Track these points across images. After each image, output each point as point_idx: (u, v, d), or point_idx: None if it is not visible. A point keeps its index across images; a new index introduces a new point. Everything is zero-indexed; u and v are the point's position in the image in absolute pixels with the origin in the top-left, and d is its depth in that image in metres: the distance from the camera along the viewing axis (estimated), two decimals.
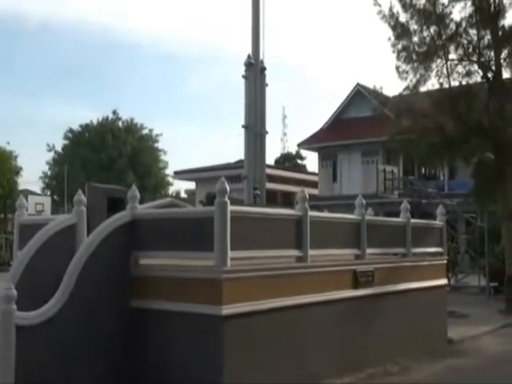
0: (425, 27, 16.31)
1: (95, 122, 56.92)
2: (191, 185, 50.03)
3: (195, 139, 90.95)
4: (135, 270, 7.24)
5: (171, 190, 60.52)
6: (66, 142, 56.84)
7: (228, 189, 6.67)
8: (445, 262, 12.19)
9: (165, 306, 6.86)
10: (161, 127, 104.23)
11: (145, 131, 58.42)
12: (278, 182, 39.93)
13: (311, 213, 7.99)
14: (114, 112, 57.66)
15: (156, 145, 58.77)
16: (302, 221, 7.75)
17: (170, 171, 57.39)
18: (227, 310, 6.48)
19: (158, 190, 56.52)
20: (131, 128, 57.53)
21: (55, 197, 53.23)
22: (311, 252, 7.83)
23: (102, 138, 54.43)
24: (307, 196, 7.94)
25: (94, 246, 6.83)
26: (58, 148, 57.22)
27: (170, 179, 58.34)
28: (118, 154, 54.20)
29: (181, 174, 49.05)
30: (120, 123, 57.75)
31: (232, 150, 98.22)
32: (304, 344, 7.70)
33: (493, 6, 15.75)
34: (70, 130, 56.69)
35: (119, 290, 7.05)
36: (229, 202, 6.59)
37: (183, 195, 58.39)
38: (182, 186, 61.02)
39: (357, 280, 8.83)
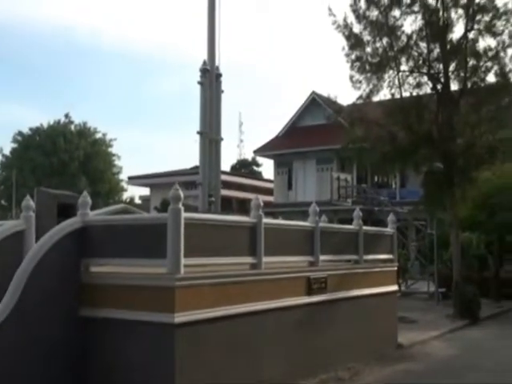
0: (377, 38, 16.67)
1: (46, 125, 55.50)
2: (146, 191, 49.42)
3: (151, 144, 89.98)
4: (86, 278, 7.09)
5: (125, 195, 59.63)
6: (15, 145, 55.15)
7: (182, 195, 6.61)
8: (395, 268, 12.46)
9: (116, 315, 6.74)
10: (116, 131, 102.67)
11: (98, 135, 57.39)
12: (233, 189, 39.97)
13: (265, 220, 8.02)
14: (67, 115, 56.45)
15: (110, 149, 57.80)
16: (257, 228, 7.77)
17: (124, 176, 56.60)
18: (180, 317, 6.41)
19: (111, 196, 55.56)
20: (84, 132, 56.39)
21: (3, 202, 51.53)
22: (265, 259, 7.86)
23: (54, 141, 53.09)
24: (261, 203, 7.97)
25: (43, 252, 6.64)
26: (7, 151, 55.54)
27: (124, 185, 57.49)
28: (70, 158, 53.00)
29: (135, 180, 48.40)
30: (72, 127, 56.51)
31: (189, 155, 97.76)
32: (258, 351, 7.70)
33: (441, 20, 16.24)
34: (20, 133, 55.08)
35: (69, 298, 6.88)
36: (183, 208, 6.54)
37: (138, 201, 57.57)
38: (136, 192, 60.11)
39: (310, 287, 8.92)
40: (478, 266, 21.78)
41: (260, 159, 56.98)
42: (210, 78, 10.26)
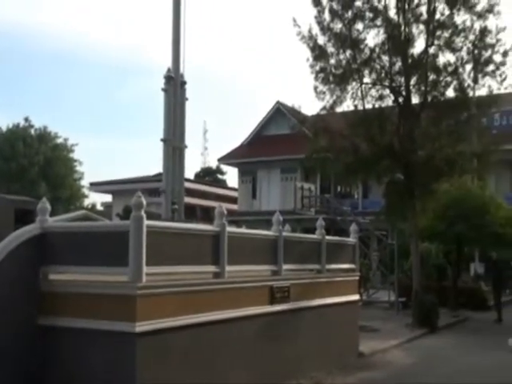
0: (341, 50, 16.89)
1: (5, 128, 54.06)
2: (108, 197, 48.67)
3: (115, 150, 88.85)
4: (45, 286, 6.92)
5: (86, 202, 58.51)
6: None
7: (144, 203, 6.54)
8: (357, 278, 12.60)
9: (76, 323, 6.60)
10: (78, 137, 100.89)
11: (59, 140, 56.21)
12: (197, 197, 39.80)
13: (229, 229, 8.00)
14: (26, 119, 55.10)
15: (71, 155, 56.69)
16: (220, 237, 7.75)
17: (85, 182, 55.59)
18: (141, 326, 6.32)
19: (72, 202, 54.41)
20: (44, 136, 55.07)
21: None
22: (228, 268, 7.83)
23: (12, 145, 51.69)
24: (225, 212, 7.95)
25: None
26: None
27: (86, 191, 56.45)
28: (30, 163, 51.69)
29: (97, 186, 47.65)
30: (32, 131, 55.20)
31: (152, 162, 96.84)
32: (220, 360, 7.65)
33: (403, 35, 16.58)
34: None
35: (27, 307, 6.71)
36: (145, 216, 6.46)
37: (100, 208, 56.61)
38: (98, 199, 59.12)
39: (273, 296, 8.93)
40: (437, 275, 22.27)
41: (224, 167, 56.97)
42: (175, 86, 10.20)
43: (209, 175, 61.48)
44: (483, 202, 19.76)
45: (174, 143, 10.18)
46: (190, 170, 65.61)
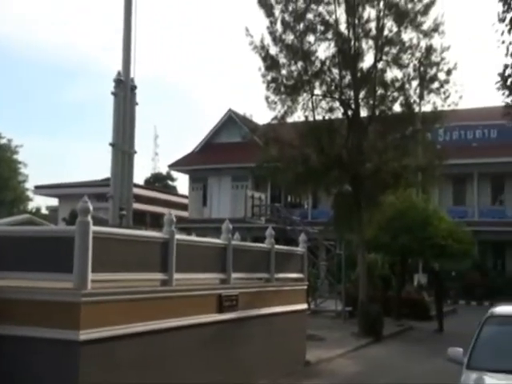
0: (293, 62, 17.11)
1: None
2: (54, 201, 47.27)
3: (62, 154, 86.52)
4: None
5: (31, 205, 56.67)
6: None
7: (91, 208, 6.40)
8: (305, 287, 12.73)
9: (18, 331, 6.35)
10: (24, 139, 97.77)
11: (3, 141, 54.27)
12: (147, 203, 39.21)
13: (178, 236, 7.95)
14: None
15: (15, 156, 54.82)
16: (169, 244, 7.67)
17: (30, 185, 53.83)
18: (85, 335, 6.17)
19: (16, 205, 52.58)
20: None
21: None
22: (177, 276, 7.76)
23: None
24: (174, 219, 7.89)
25: None
26: None
27: (31, 194, 54.65)
28: None
29: (42, 189, 46.16)
30: None
31: (101, 167, 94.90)
32: (167, 369, 7.55)
33: (353, 49, 16.98)
34: None
35: None
36: (91, 221, 6.33)
37: (45, 212, 54.91)
38: (43, 202, 57.30)
39: (221, 304, 8.90)
40: (382, 285, 22.77)
41: (175, 174, 56.54)
42: (125, 90, 10.05)
43: (159, 181, 60.79)
44: (426, 215, 20.41)
45: (122, 148, 10.01)
46: (140, 175, 64.76)
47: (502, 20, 7.89)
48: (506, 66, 7.78)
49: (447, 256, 20.79)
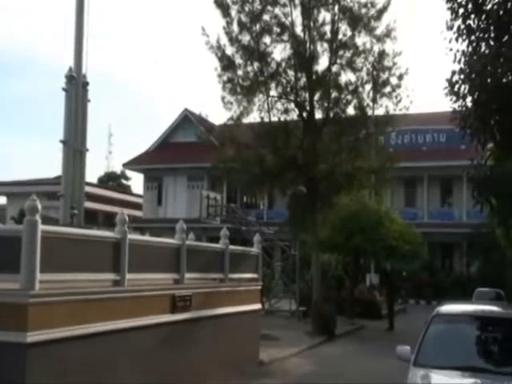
0: (249, 62, 17.19)
1: None
2: (2, 199, 45.73)
3: (11, 150, 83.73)
4: None
5: None
6: None
7: (40, 206, 6.24)
8: (259, 287, 12.79)
9: None
10: None
11: None
12: (100, 202, 38.51)
13: (130, 236, 7.84)
14: None
15: None
16: (121, 244, 7.56)
17: None
18: (33, 337, 6.00)
19: None
20: None
21: None
22: (129, 276, 7.65)
23: None
24: (127, 218, 7.78)
25: None
26: None
27: None
28: None
29: None
30: None
31: (53, 164, 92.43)
32: (118, 370, 7.43)
33: (308, 51, 17.19)
34: None
35: None
36: (40, 220, 6.17)
37: None
38: None
39: (175, 304, 8.84)
40: (336, 285, 23.12)
41: (129, 173, 55.69)
42: (76, 86, 9.83)
43: (113, 180, 59.78)
44: (379, 217, 20.85)
45: (74, 145, 9.79)
46: (93, 174, 63.48)
47: (450, 28, 8.16)
48: (453, 73, 8.03)
49: (398, 256, 21.28)
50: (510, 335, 6.34)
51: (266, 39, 17.20)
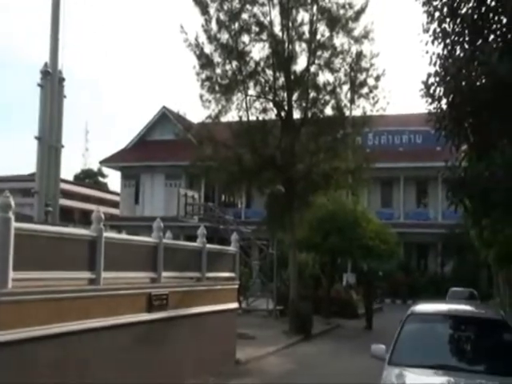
0: (227, 61, 17.10)
1: None
2: None
3: None
4: None
5: None
6: None
7: (13, 203, 6.14)
8: (237, 286, 12.77)
9: None
10: None
11: None
12: (76, 199, 38.09)
13: (107, 234, 7.77)
14: None
15: None
16: (97, 242, 7.49)
17: None
18: (4, 336, 5.91)
19: None
20: None
21: None
22: (105, 274, 7.58)
23: None
24: (103, 216, 7.70)
25: None
26: None
27: None
28: None
29: None
30: None
31: (28, 161, 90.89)
32: (93, 370, 7.36)
33: (287, 51, 17.19)
34: None
35: None
36: (13, 217, 6.06)
37: None
38: None
39: (151, 303, 8.79)
40: (313, 285, 23.22)
41: (106, 170, 55.17)
42: (52, 81, 9.68)
43: (89, 177, 59.19)
44: (355, 217, 21.01)
45: (49, 142, 9.64)
46: (70, 171, 62.76)
47: (426, 31, 8.23)
48: (429, 75, 8.12)
49: (374, 256, 21.48)
50: (482, 334, 6.45)
51: (245, 38, 17.14)
